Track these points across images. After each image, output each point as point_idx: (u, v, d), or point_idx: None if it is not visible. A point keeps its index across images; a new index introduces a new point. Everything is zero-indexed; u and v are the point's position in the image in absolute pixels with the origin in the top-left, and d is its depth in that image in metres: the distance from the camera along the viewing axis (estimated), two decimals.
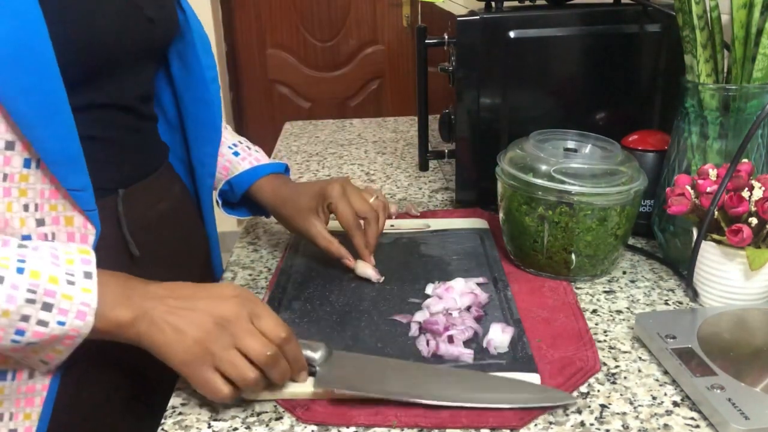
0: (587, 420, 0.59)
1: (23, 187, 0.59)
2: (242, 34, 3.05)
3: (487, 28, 0.95)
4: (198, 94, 0.81)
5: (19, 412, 0.61)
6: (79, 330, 0.55)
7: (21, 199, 0.59)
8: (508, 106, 0.98)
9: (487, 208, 1.04)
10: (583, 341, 0.69)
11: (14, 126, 0.57)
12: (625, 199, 0.78)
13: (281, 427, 0.59)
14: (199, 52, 0.79)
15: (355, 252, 0.82)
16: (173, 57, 0.80)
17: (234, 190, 0.88)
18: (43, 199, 0.60)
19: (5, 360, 0.60)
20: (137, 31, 0.69)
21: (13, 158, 0.58)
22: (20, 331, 0.54)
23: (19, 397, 0.61)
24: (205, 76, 0.80)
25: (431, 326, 0.69)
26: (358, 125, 1.67)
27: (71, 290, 0.55)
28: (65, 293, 0.55)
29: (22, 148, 0.58)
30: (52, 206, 0.61)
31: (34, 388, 0.62)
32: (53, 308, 0.54)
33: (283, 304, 0.77)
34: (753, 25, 0.74)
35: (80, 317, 0.55)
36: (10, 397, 0.61)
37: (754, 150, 0.78)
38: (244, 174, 0.88)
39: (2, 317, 0.53)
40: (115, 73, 0.67)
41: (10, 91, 0.55)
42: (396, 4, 3.05)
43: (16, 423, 0.62)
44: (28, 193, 0.59)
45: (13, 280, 0.53)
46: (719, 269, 0.72)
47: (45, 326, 0.54)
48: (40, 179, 0.60)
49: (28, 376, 0.61)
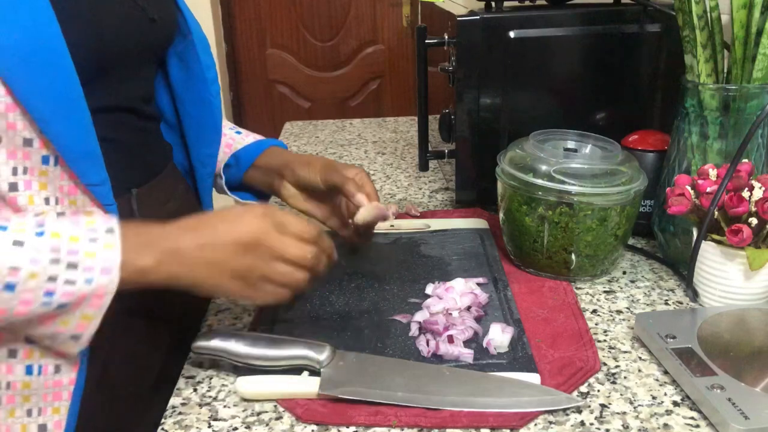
0: (587, 420, 0.59)
1: (43, 181, 0.60)
2: (242, 34, 3.05)
3: (487, 28, 0.95)
4: (199, 94, 0.81)
5: (47, 406, 0.62)
6: (106, 287, 0.56)
7: (42, 192, 0.60)
8: (508, 106, 0.98)
9: (487, 208, 1.04)
10: (583, 341, 0.69)
11: (32, 123, 0.57)
12: (625, 199, 0.78)
13: (281, 426, 0.59)
14: (199, 53, 0.79)
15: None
16: (172, 58, 0.80)
17: (240, 163, 0.88)
18: (62, 193, 0.61)
19: (30, 353, 0.61)
20: (140, 32, 0.70)
21: (32, 154, 0.59)
22: (50, 293, 0.54)
23: (47, 392, 0.62)
24: (205, 76, 0.80)
25: (431, 326, 0.69)
26: (358, 125, 1.67)
27: (94, 247, 0.56)
28: (88, 251, 0.55)
29: (40, 146, 0.59)
30: (72, 201, 0.62)
31: (61, 382, 0.62)
32: (78, 266, 0.55)
33: (283, 304, 0.77)
34: (753, 25, 0.74)
35: (105, 273, 0.55)
36: (38, 392, 0.62)
37: (754, 150, 0.78)
38: (252, 145, 0.88)
39: (30, 279, 0.53)
40: (118, 73, 0.68)
41: (29, 89, 0.56)
42: (396, 4, 3.04)
43: (45, 418, 0.62)
44: (48, 187, 0.60)
45: (33, 242, 0.54)
46: (719, 269, 0.72)
47: (73, 285, 0.55)
48: (59, 175, 0.61)
49: (54, 370, 0.62)
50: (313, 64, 3.12)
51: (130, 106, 0.71)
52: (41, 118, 0.57)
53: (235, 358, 0.64)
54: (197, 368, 0.68)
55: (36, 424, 0.62)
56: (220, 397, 0.63)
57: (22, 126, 0.57)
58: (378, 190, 1.18)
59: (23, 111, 0.56)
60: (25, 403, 0.62)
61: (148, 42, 0.72)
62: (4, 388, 0.61)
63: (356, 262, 0.87)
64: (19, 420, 0.62)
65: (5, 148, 0.57)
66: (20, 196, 0.58)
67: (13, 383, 0.61)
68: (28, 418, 0.62)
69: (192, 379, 0.66)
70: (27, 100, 0.56)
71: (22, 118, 0.57)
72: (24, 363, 0.61)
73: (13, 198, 0.58)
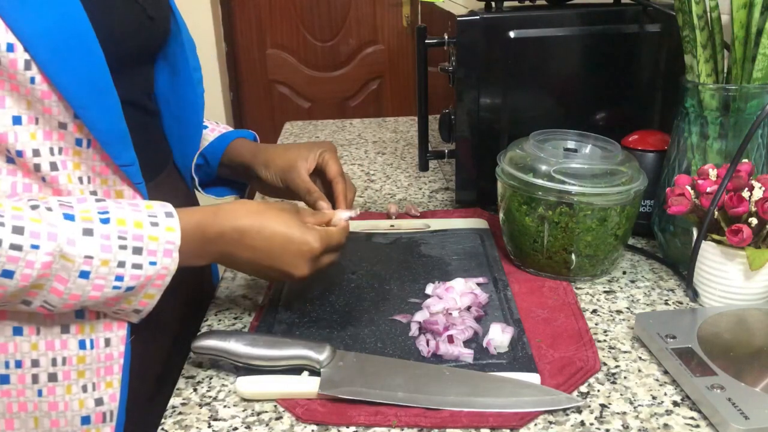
0: (587, 420, 0.59)
1: (77, 161, 0.62)
2: (242, 34, 3.05)
3: (487, 28, 0.95)
4: (185, 95, 0.82)
5: (101, 381, 0.65)
6: (168, 267, 0.61)
7: (76, 172, 0.63)
8: (508, 106, 0.98)
9: (487, 208, 1.04)
10: (583, 341, 0.69)
11: (67, 109, 0.60)
12: (625, 199, 0.78)
13: (281, 426, 0.59)
14: (187, 54, 0.80)
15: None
16: (159, 59, 0.80)
17: (209, 162, 0.88)
18: (94, 173, 0.64)
19: (82, 327, 0.64)
20: (141, 29, 0.70)
21: (66, 136, 0.61)
22: (120, 277, 0.59)
23: (100, 366, 0.65)
24: (192, 77, 0.81)
25: (431, 326, 0.69)
26: (358, 125, 1.67)
27: (156, 231, 0.60)
28: (151, 235, 0.60)
29: (74, 129, 0.61)
30: (103, 180, 0.65)
31: (112, 356, 0.65)
32: (143, 251, 0.60)
33: (283, 304, 0.77)
34: (753, 25, 0.74)
35: (167, 255, 0.61)
36: (91, 367, 0.64)
37: (754, 150, 0.78)
38: (214, 141, 0.88)
39: (102, 266, 0.58)
40: (119, 70, 0.68)
41: (65, 75, 0.58)
42: (396, 4, 3.04)
43: (101, 392, 0.65)
44: (81, 167, 0.63)
45: (101, 230, 0.58)
46: (719, 269, 0.72)
47: (140, 269, 0.60)
48: (91, 156, 0.63)
49: (104, 343, 0.65)
50: (313, 64, 3.12)
51: (131, 99, 0.72)
52: (79, 105, 0.59)
53: (235, 358, 0.64)
54: (197, 368, 0.68)
55: (92, 399, 0.65)
56: (220, 397, 0.63)
57: (57, 111, 0.60)
58: (378, 190, 1.18)
59: (59, 97, 0.59)
60: (80, 379, 0.64)
61: (147, 40, 0.73)
62: (60, 364, 0.63)
63: (356, 262, 0.87)
64: (76, 396, 0.64)
65: (42, 128, 0.60)
66: (60, 175, 0.61)
67: (68, 358, 0.64)
68: (83, 393, 0.64)
69: (192, 379, 0.66)
70: (64, 87, 0.58)
71: (57, 104, 0.59)
72: (77, 338, 0.64)
73: (54, 177, 0.61)
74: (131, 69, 0.71)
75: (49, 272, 0.56)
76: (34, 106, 0.59)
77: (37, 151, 0.60)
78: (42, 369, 0.63)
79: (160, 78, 0.81)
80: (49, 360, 0.63)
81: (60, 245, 0.56)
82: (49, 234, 0.55)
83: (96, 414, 0.65)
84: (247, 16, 3.02)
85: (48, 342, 0.63)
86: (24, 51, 0.56)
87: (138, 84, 0.73)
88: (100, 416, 0.65)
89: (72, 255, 0.56)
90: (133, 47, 0.70)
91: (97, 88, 0.60)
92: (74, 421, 0.65)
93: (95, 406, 0.65)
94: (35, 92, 0.58)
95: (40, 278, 0.56)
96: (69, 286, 0.57)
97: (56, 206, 0.57)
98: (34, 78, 0.57)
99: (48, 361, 0.63)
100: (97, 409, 0.65)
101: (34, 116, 0.59)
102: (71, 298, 0.58)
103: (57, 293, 0.58)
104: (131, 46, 0.69)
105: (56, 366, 0.63)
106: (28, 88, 0.58)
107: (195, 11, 2.71)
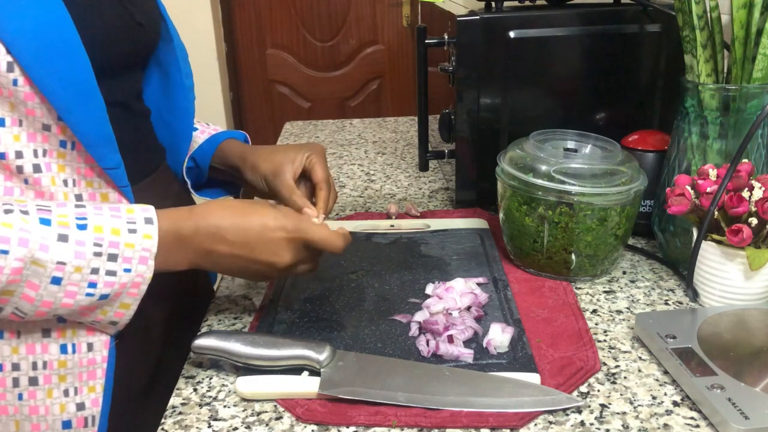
0: (587, 420, 0.59)
1: (61, 163, 0.62)
2: (242, 34, 3.05)
3: (487, 28, 0.95)
4: (176, 101, 0.82)
5: (83, 386, 0.65)
6: (143, 275, 0.60)
7: (60, 174, 0.62)
8: (508, 106, 0.98)
9: (487, 208, 1.04)
10: (583, 341, 0.69)
11: (50, 111, 0.60)
12: (625, 199, 0.78)
13: (281, 426, 0.59)
14: (179, 61, 0.80)
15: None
16: (152, 65, 0.81)
17: (199, 164, 0.88)
18: (79, 175, 0.64)
19: (63, 331, 0.63)
20: (129, 35, 0.71)
21: (50, 138, 0.61)
22: (93, 284, 0.58)
23: (82, 371, 0.64)
24: (184, 84, 0.81)
25: (431, 326, 0.69)
26: (358, 125, 1.67)
27: (133, 238, 0.59)
28: (128, 242, 0.59)
29: (58, 131, 0.61)
30: (88, 183, 0.64)
31: (95, 360, 0.65)
32: (118, 258, 0.59)
33: (283, 304, 0.77)
34: (753, 25, 0.74)
35: (143, 262, 0.60)
36: (73, 371, 0.64)
37: (754, 150, 0.78)
38: (204, 144, 0.88)
39: (75, 273, 0.57)
40: (108, 74, 0.68)
41: (48, 77, 0.58)
42: (396, 4, 3.04)
43: (83, 397, 0.65)
44: (66, 169, 0.63)
45: (77, 236, 0.57)
46: (719, 269, 0.72)
47: (114, 276, 0.59)
48: (76, 158, 0.63)
49: (87, 348, 0.64)
50: (313, 64, 3.12)
51: (121, 101, 0.72)
52: (62, 107, 0.59)
53: (234, 358, 0.64)
54: (197, 368, 0.68)
55: (74, 403, 0.64)
56: (220, 397, 0.63)
57: (40, 113, 0.60)
58: (378, 190, 1.18)
59: (42, 99, 0.59)
60: (61, 383, 0.64)
61: (136, 45, 0.73)
62: (40, 368, 0.63)
63: (356, 262, 0.87)
64: (57, 400, 0.64)
65: (25, 131, 0.60)
66: (44, 177, 0.61)
67: (49, 362, 0.63)
68: (65, 398, 0.64)
69: (192, 379, 0.66)
70: (47, 90, 0.58)
71: (41, 106, 0.59)
72: (58, 342, 0.63)
73: (37, 179, 0.61)
74: (119, 73, 0.71)
75: (19, 278, 0.55)
76: (17, 108, 0.59)
77: (20, 153, 0.60)
78: (23, 373, 0.63)
79: (152, 83, 0.81)
80: (30, 364, 0.63)
81: (31, 251, 0.55)
82: (20, 239, 0.54)
83: (77, 419, 0.65)
84: (246, 16, 3.02)
85: (29, 345, 0.63)
86: (6, 53, 0.56)
87: (126, 88, 0.73)
88: (82, 421, 0.65)
89: (44, 260, 0.55)
90: (121, 52, 0.70)
91: (82, 90, 0.60)
92: (55, 426, 0.64)
93: (77, 410, 0.64)
94: (18, 94, 0.58)
95: (10, 284, 0.55)
96: (40, 293, 0.57)
97: (33, 210, 0.57)
98: (16, 80, 0.57)
99: (29, 365, 0.63)
100: (79, 413, 0.65)
101: (17, 118, 0.59)
102: (43, 305, 0.57)
103: (28, 299, 0.57)
104: (119, 51, 0.69)
105: (37, 370, 0.63)
106: (10, 90, 0.57)
107: (195, 11, 2.71)
